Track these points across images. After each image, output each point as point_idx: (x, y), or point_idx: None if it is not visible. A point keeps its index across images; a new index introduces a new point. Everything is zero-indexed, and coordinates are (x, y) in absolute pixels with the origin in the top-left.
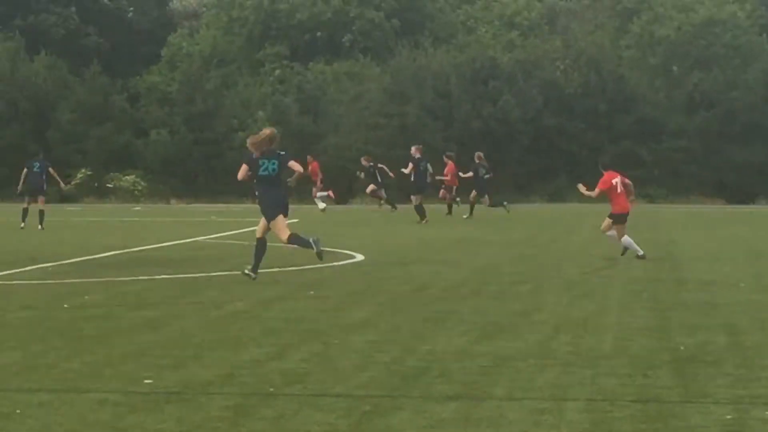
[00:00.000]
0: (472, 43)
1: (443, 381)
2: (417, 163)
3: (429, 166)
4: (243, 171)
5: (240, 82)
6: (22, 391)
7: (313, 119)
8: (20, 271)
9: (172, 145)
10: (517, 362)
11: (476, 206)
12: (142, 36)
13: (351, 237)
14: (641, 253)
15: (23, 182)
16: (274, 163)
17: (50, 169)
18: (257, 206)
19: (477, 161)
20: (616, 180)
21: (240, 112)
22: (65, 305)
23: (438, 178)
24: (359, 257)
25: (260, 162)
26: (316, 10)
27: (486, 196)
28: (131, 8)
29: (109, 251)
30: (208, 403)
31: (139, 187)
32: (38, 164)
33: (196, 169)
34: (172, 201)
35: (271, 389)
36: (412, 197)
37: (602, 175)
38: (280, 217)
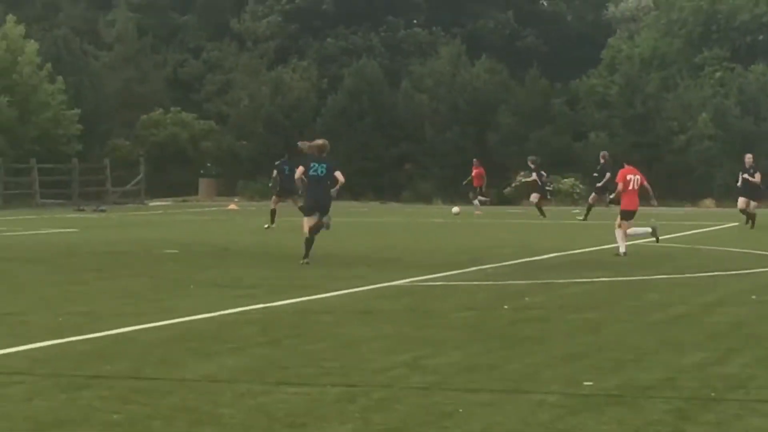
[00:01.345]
0: None
1: None
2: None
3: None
4: (300, 171)
5: (680, 85)
6: (464, 391)
7: (754, 121)
8: (461, 272)
9: (610, 148)
10: None
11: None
12: (580, 39)
13: None
14: (623, 251)
15: (279, 184)
16: (323, 167)
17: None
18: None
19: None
20: (631, 176)
21: (680, 114)
22: (505, 306)
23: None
24: None
25: (311, 164)
26: (758, 12)
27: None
28: (569, 12)
29: (549, 253)
30: (648, 407)
31: (578, 190)
32: (288, 167)
33: None
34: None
35: (713, 394)
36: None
37: (622, 167)
38: (313, 217)
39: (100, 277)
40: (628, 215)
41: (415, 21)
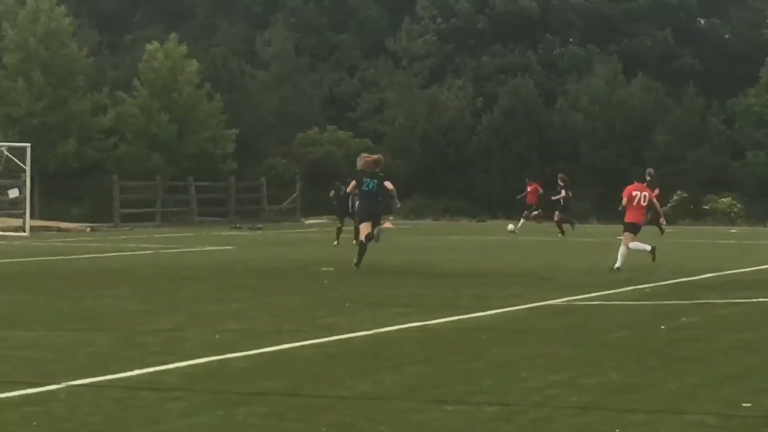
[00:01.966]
0: None
1: None
2: None
3: None
4: (352, 186)
5: None
6: (620, 411)
7: None
8: (618, 292)
9: None
10: None
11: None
12: (737, 58)
13: None
14: (618, 266)
15: (337, 204)
16: (374, 182)
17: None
18: None
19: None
20: (637, 193)
21: None
22: (662, 326)
23: None
24: None
25: (364, 180)
26: None
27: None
28: (726, 30)
29: (706, 273)
30: None
31: (735, 209)
32: (344, 188)
33: None
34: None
35: None
36: None
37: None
38: (367, 223)
39: (256, 295)
40: (630, 227)
41: (570, 39)
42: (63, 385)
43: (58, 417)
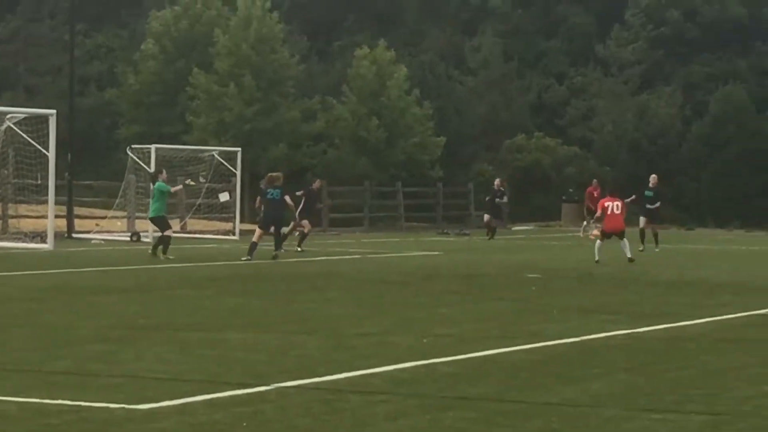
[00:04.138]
0: None
1: None
2: None
3: None
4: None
5: None
6: None
7: None
8: None
9: None
10: None
11: None
12: None
13: None
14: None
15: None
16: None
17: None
18: None
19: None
20: (609, 204)
21: None
22: None
23: None
24: None
25: (267, 191)
26: None
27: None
28: None
29: None
30: None
31: None
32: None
33: None
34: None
35: None
36: None
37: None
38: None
39: (463, 300)
40: (608, 235)
41: None
42: (273, 386)
43: (267, 418)
